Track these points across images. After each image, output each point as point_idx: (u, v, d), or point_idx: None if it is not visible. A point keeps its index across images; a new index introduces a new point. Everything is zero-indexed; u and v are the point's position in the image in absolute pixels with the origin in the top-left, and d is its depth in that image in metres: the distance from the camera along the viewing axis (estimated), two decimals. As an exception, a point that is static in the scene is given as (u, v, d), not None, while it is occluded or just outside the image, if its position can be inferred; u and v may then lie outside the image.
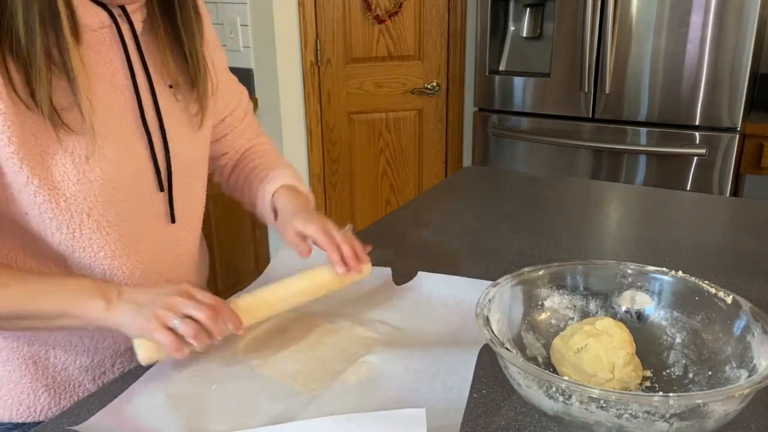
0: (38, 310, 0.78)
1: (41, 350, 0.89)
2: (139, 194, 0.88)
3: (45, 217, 0.80)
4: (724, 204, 1.50)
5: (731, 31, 2.14)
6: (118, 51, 0.86)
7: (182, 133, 0.93)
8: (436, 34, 2.81)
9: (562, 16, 2.37)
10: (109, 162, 0.82)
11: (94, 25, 0.83)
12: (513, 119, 2.57)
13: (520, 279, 0.84)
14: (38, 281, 0.81)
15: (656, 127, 2.34)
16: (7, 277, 0.78)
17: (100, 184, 0.82)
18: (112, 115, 0.84)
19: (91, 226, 0.83)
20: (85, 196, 0.81)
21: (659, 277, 0.85)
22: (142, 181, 0.88)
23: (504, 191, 1.55)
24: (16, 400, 0.89)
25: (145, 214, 0.89)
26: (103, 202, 0.83)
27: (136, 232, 0.89)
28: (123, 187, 0.85)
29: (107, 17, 0.84)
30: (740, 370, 0.72)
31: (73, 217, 0.81)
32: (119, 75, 0.86)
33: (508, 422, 0.74)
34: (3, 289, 0.77)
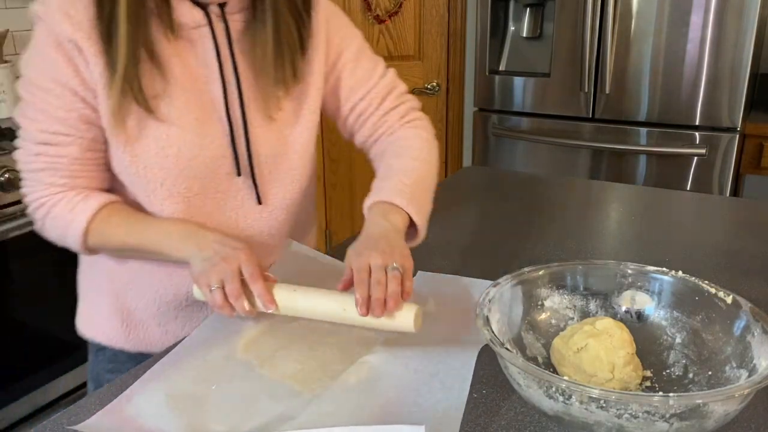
0: (141, 246, 0.94)
1: (120, 289, 1.04)
2: (216, 176, 0.98)
3: (129, 179, 0.95)
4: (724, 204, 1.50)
5: (731, 31, 2.14)
6: (211, 48, 0.95)
7: (266, 125, 1.00)
8: (436, 34, 2.81)
9: (562, 16, 2.37)
10: (187, 144, 0.93)
11: (191, 24, 0.93)
12: (513, 119, 2.57)
13: (520, 279, 0.84)
14: (143, 222, 0.95)
15: (656, 127, 2.34)
16: (119, 218, 0.94)
17: (174, 161, 0.93)
18: (197, 104, 0.94)
19: (163, 194, 0.95)
20: (161, 168, 0.94)
21: (659, 277, 0.85)
22: (218, 165, 0.97)
23: (504, 191, 1.55)
24: (100, 326, 1.08)
25: (222, 194, 1.00)
26: (177, 176, 0.94)
27: (207, 207, 0.99)
28: (199, 167, 0.95)
29: (203, 17, 0.93)
30: (740, 370, 0.72)
31: (149, 183, 0.95)
32: (210, 70, 0.95)
33: (508, 422, 0.74)
34: (114, 228, 0.94)
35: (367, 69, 1.08)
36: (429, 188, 1.03)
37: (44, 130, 0.91)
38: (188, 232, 0.93)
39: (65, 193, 0.93)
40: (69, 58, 0.88)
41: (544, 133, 2.51)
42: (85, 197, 0.94)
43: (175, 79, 0.92)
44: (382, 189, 0.97)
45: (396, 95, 1.11)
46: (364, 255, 0.84)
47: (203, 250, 0.88)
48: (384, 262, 0.83)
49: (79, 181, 0.94)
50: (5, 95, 2.31)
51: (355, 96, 1.08)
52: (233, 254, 0.86)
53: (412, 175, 1.00)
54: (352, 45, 1.07)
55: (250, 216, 1.03)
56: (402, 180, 0.98)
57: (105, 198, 0.95)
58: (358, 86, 1.08)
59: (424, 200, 1.00)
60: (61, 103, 0.90)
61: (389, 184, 0.98)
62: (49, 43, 0.88)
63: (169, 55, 0.92)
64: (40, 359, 2.01)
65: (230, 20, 0.95)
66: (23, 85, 0.92)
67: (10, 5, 2.43)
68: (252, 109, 0.98)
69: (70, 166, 0.93)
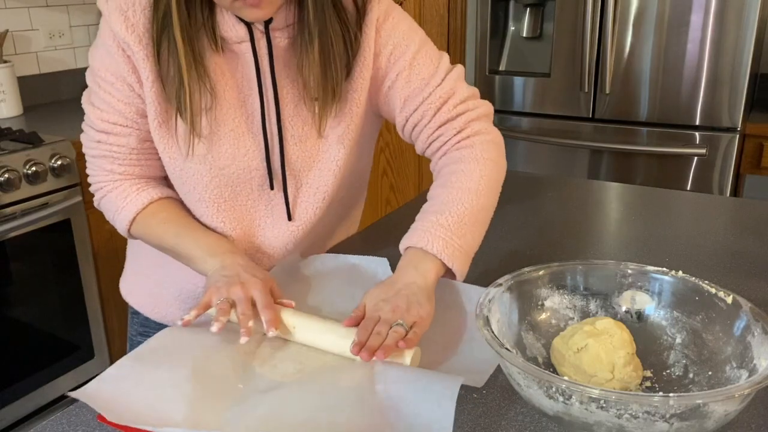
0: (175, 248, 0.98)
1: (153, 267, 1.12)
2: (248, 186, 1.01)
3: (171, 175, 1.01)
4: (724, 204, 1.50)
5: (731, 31, 2.14)
6: (252, 64, 0.95)
7: (302, 142, 1.00)
8: (436, 34, 2.81)
9: (562, 16, 2.37)
10: (222, 153, 0.97)
11: (235, 38, 0.94)
12: (513, 119, 2.57)
13: (520, 279, 0.84)
14: (184, 227, 0.99)
15: (656, 127, 2.34)
16: (164, 215, 0.99)
17: (208, 168, 0.97)
18: (236, 116, 0.97)
19: (195, 196, 1.00)
20: (195, 173, 0.98)
21: (659, 277, 0.85)
22: (251, 176, 1.00)
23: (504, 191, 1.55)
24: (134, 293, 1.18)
25: (253, 204, 1.03)
26: (209, 182, 0.99)
27: (237, 214, 1.02)
28: (230, 176, 0.99)
29: (246, 33, 0.94)
30: (740, 370, 0.72)
31: (183, 185, 1.00)
32: (251, 84, 0.96)
33: (508, 422, 0.74)
34: (156, 225, 0.99)
35: (423, 77, 1.00)
36: (474, 223, 0.94)
37: (105, 120, 0.96)
38: (219, 249, 0.95)
39: (123, 181, 1.00)
40: (127, 56, 0.92)
41: (544, 133, 2.51)
42: (139, 190, 1.00)
43: (219, 91, 0.95)
44: (417, 231, 0.92)
45: (453, 104, 1.02)
46: (378, 306, 0.84)
47: (225, 269, 0.91)
48: (393, 318, 0.82)
49: (136, 170, 1.00)
50: (5, 95, 2.31)
51: (409, 107, 1.01)
52: (252, 282, 0.87)
53: (454, 212, 0.93)
54: (408, 51, 1.00)
55: (277, 229, 1.04)
56: (440, 221, 0.92)
57: (158, 193, 1.00)
58: (413, 96, 1.01)
59: (467, 239, 0.92)
60: (121, 96, 0.95)
61: (426, 225, 0.92)
62: (109, 39, 0.92)
63: (215, 67, 0.94)
64: (40, 359, 2.01)
65: (274, 36, 0.95)
66: (89, 74, 0.97)
67: (10, 5, 2.43)
68: (289, 125, 0.99)
69: (128, 155, 0.98)
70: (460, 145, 1.01)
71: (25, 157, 1.88)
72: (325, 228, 1.12)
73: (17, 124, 2.23)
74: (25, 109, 2.41)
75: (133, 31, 0.90)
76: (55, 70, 2.61)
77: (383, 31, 0.99)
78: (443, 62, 1.03)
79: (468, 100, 1.04)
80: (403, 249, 0.93)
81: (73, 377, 2.10)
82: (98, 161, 0.99)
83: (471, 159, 0.98)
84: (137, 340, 1.18)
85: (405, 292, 0.86)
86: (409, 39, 1.01)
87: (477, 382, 0.79)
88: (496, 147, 1.03)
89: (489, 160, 0.99)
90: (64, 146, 1.96)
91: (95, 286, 2.12)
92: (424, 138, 1.04)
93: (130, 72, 0.93)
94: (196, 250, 0.96)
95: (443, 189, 0.96)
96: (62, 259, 2.03)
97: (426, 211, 0.95)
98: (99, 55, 0.95)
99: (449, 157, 1.01)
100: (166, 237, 0.99)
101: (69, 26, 2.64)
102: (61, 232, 2.00)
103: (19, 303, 1.94)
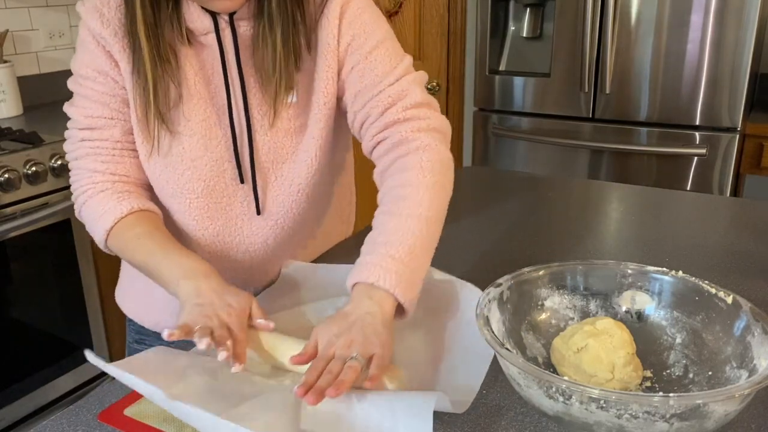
0: (147, 266, 0.94)
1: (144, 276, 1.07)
2: (221, 180, 1.00)
3: (146, 170, 1.00)
4: (724, 204, 1.50)
5: (731, 31, 2.14)
6: (218, 54, 0.96)
7: (270, 133, 0.99)
8: (436, 34, 2.81)
9: (562, 16, 2.37)
10: (192, 145, 0.97)
11: (201, 30, 0.94)
12: (513, 119, 2.57)
13: (520, 279, 0.84)
14: (159, 243, 0.94)
15: (656, 127, 2.34)
16: (141, 229, 0.95)
17: (179, 160, 0.98)
18: (205, 108, 0.97)
19: (168, 191, 1.00)
20: (166, 166, 0.98)
21: (659, 277, 0.85)
22: (223, 169, 0.99)
23: (504, 191, 1.55)
24: (127, 300, 1.16)
25: (227, 200, 1.01)
26: (180, 175, 0.99)
27: (210, 211, 1.01)
28: (203, 168, 0.98)
29: (211, 23, 0.94)
30: (740, 371, 0.72)
31: (157, 180, 1.00)
32: (218, 75, 0.97)
33: (508, 422, 0.74)
34: (132, 239, 0.95)
35: (377, 74, 0.97)
36: (424, 253, 0.89)
37: (89, 115, 0.97)
38: (193, 272, 0.89)
39: (106, 185, 0.98)
40: (106, 51, 0.94)
41: (544, 133, 2.51)
42: (120, 199, 0.97)
43: (188, 83, 0.95)
44: (366, 266, 0.84)
45: (402, 107, 0.96)
46: (330, 341, 0.77)
47: (199, 296, 0.85)
48: (347, 353, 0.75)
49: (120, 167, 0.99)
50: (5, 95, 2.31)
51: (359, 103, 0.98)
52: (225, 311, 0.82)
53: (405, 242, 0.86)
54: (366, 44, 0.97)
55: (252, 224, 1.04)
56: (390, 253, 0.85)
57: (138, 204, 0.97)
58: (363, 91, 0.97)
59: (418, 271, 0.86)
60: (105, 89, 0.96)
61: (376, 259, 0.84)
62: (88, 38, 0.95)
63: (184, 59, 0.95)
64: (40, 359, 2.01)
65: (238, 26, 0.95)
66: (72, 80, 0.99)
67: (10, 5, 2.43)
68: (257, 116, 0.98)
69: (112, 150, 0.98)
70: (406, 160, 0.94)
71: (25, 157, 1.88)
72: (306, 225, 1.10)
73: (17, 124, 2.23)
74: (25, 109, 2.41)
75: (108, 26, 0.93)
76: (55, 70, 2.61)
77: (344, 19, 0.97)
78: (403, 63, 0.99)
79: (421, 107, 0.98)
80: (351, 285, 0.85)
81: (73, 377, 2.10)
82: (81, 162, 0.99)
83: (417, 182, 0.91)
84: (134, 348, 1.18)
85: (360, 323, 0.79)
86: (369, 32, 0.98)
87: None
88: (444, 168, 0.95)
89: (437, 184, 0.92)
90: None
91: (95, 286, 2.12)
92: (369, 137, 1.00)
93: (111, 66, 0.95)
94: (169, 270, 0.90)
95: (390, 216, 0.89)
96: (62, 259, 2.03)
97: (374, 242, 0.88)
98: (79, 58, 0.97)
99: (393, 176, 0.94)
100: (138, 253, 0.94)
101: (69, 26, 2.64)
102: (61, 232, 2.00)
103: (19, 303, 1.94)
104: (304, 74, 0.98)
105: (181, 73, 0.95)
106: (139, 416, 0.75)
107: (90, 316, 2.12)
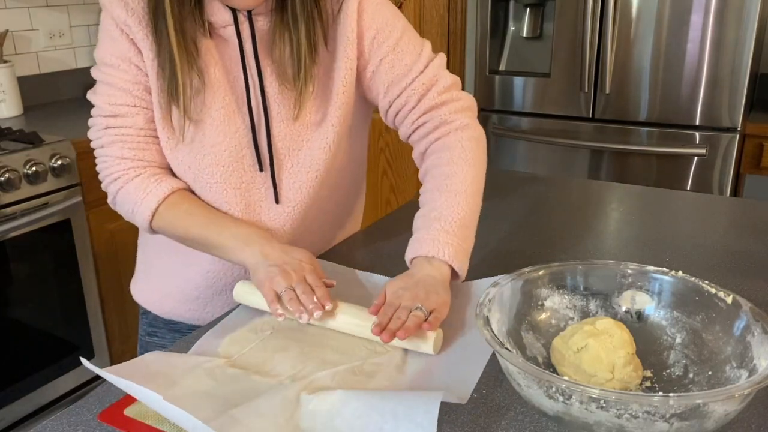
0: (204, 239, 0.99)
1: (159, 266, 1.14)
2: (240, 167, 1.02)
3: (167, 155, 1.02)
4: (724, 204, 1.50)
5: (731, 31, 2.14)
6: (237, 46, 0.99)
7: (288, 123, 1.02)
8: (436, 34, 2.81)
9: (562, 16, 2.37)
10: (212, 131, 0.99)
11: (220, 23, 0.98)
12: (513, 119, 2.57)
13: (520, 279, 0.84)
14: (210, 217, 1.00)
15: (656, 127, 2.34)
16: (188, 206, 1.00)
17: (199, 146, 1.00)
18: (225, 97, 0.99)
19: (190, 177, 1.02)
20: (188, 152, 1.00)
21: (659, 277, 0.85)
22: (242, 155, 1.01)
23: (504, 191, 1.55)
24: (142, 291, 1.18)
25: (246, 186, 1.03)
26: (201, 161, 1.00)
27: (228, 197, 1.03)
28: (222, 154, 1.00)
29: (230, 17, 0.97)
30: (740, 370, 0.72)
31: (179, 165, 1.02)
32: (237, 67, 1.00)
33: (508, 422, 0.74)
34: (182, 216, 0.99)
35: (406, 63, 1.04)
36: (471, 225, 1.00)
37: (113, 103, 0.99)
38: (253, 237, 0.96)
39: (140, 170, 1.00)
40: (130, 38, 0.97)
41: (544, 133, 2.51)
42: (159, 180, 1.00)
43: (208, 73, 0.98)
44: (424, 241, 0.95)
45: (437, 92, 1.05)
46: (398, 293, 0.89)
47: (268, 258, 0.92)
48: (412, 305, 0.86)
49: (146, 154, 1.01)
50: (5, 95, 2.31)
51: (392, 93, 1.05)
52: (299, 266, 0.91)
53: (455, 217, 0.97)
54: (391, 37, 1.03)
55: (271, 211, 1.06)
56: (445, 228, 0.96)
57: (176, 184, 1.01)
58: (396, 81, 1.04)
59: (468, 241, 0.98)
60: (128, 77, 0.98)
61: (432, 234, 0.95)
62: (111, 26, 0.97)
63: (206, 50, 0.98)
64: (40, 359, 2.01)
65: (256, 20, 0.98)
66: (95, 70, 1.00)
67: (10, 5, 2.43)
68: (274, 107, 1.01)
69: (137, 137, 1.00)
70: (447, 140, 1.04)
71: (25, 157, 1.88)
72: (325, 215, 1.13)
73: (17, 124, 2.23)
74: (25, 109, 2.41)
75: (133, 14, 0.95)
76: (55, 70, 2.61)
77: (365, 14, 1.02)
78: (426, 49, 1.06)
79: (452, 89, 1.07)
80: (410, 259, 0.96)
81: (73, 377, 2.10)
82: (107, 150, 1.00)
83: (460, 160, 1.02)
84: (146, 341, 1.20)
85: (423, 283, 0.90)
86: (392, 25, 1.04)
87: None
88: (479, 145, 1.06)
89: (475, 159, 1.03)
90: (64, 146, 1.96)
91: (95, 286, 2.12)
92: (408, 124, 1.07)
93: (135, 53, 0.97)
94: (229, 240, 0.97)
95: (439, 193, 1.00)
96: (62, 259, 2.03)
97: (428, 218, 0.98)
98: (102, 46, 0.99)
99: (436, 155, 1.04)
100: (193, 228, 0.99)
101: (69, 26, 2.64)
102: (61, 232, 2.00)
103: (19, 303, 1.94)
104: (321, 67, 1.02)
105: (202, 64, 0.97)
106: (139, 416, 0.75)
107: (90, 316, 2.12)
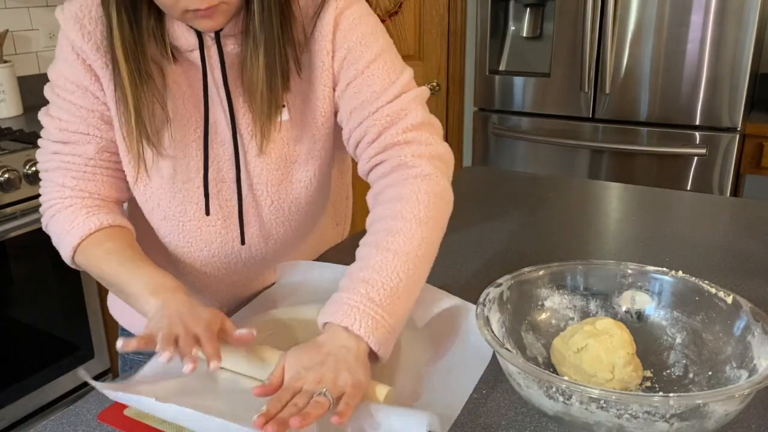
0: (116, 283, 0.89)
1: None
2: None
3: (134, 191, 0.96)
4: (724, 204, 1.50)
5: (731, 31, 2.14)
6: (201, 73, 0.90)
7: (264, 155, 0.94)
8: (436, 34, 2.81)
9: (562, 16, 2.37)
10: (185, 167, 0.93)
11: (185, 47, 0.88)
12: (513, 119, 2.57)
13: (520, 279, 0.84)
14: (129, 260, 0.89)
15: (656, 127, 2.34)
16: (110, 245, 0.90)
17: (170, 183, 0.94)
18: (197, 128, 0.92)
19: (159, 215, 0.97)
20: (157, 187, 0.94)
21: (659, 277, 0.85)
22: (215, 192, 0.95)
23: (504, 191, 1.55)
24: (121, 310, 1.11)
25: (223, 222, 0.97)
26: (172, 198, 0.94)
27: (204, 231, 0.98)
28: (196, 191, 0.94)
29: (196, 41, 0.88)
30: (740, 370, 0.72)
31: (148, 201, 0.96)
32: (200, 95, 0.91)
33: (508, 422, 0.74)
34: (100, 255, 0.90)
35: (375, 90, 0.90)
36: (407, 296, 0.80)
37: (64, 129, 0.92)
38: (162, 287, 0.84)
39: (75, 200, 0.93)
40: (87, 65, 0.89)
41: (544, 133, 2.51)
42: (89, 214, 0.92)
43: (175, 103, 0.90)
44: (342, 305, 0.77)
45: (402, 128, 0.89)
46: (299, 375, 0.71)
47: (167, 308, 0.80)
48: (316, 389, 0.69)
49: (90, 185, 0.93)
50: (5, 95, 2.31)
51: (353, 121, 0.92)
52: (193, 320, 0.76)
53: (388, 283, 0.78)
54: (362, 58, 0.91)
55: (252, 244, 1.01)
56: (370, 294, 0.77)
57: (108, 220, 0.92)
58: (359, 108, 0.91)
59: (394, 319, 0.77)
60: (84, 103, 0.91)
61: (353, 299, 0.77)
62: (67, 49, 0.89)
63: (173, 77, 0.89)
64: (40, 359, 2.01)
65: (225, 45, 0.89)
66: (48, 88, 0.93)
67: (10, 5, 2.43)
68: (246, 138, 0.93)
69: (84, 167, 0.93)
70: (402, 189, 0.86)
71: (25, 157, 1.88)
72: (301, 232, 1.06)
73: (17, 124, 2.23)
74: (25, 109, 2.41)
75: (89, 39, 0.87)
76: (55, 70, 2.61)
77: (339, 31, 0.90)
78: (403, 77, 0.92)
79: (422, 129, 0.91)
80: (322, 324, 0.78)
81: (73, 377, 2.10)
82: (51, 175, 0.93)
83: (410, 216, 0.83)
84: (128, 356, 1.15)
85: (334, 357, 0.72)
86: (366, 45, 0.91)
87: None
88: (440, 202, 0.87)
89: (431, 219, 0.84)
90: (64, 146, 1.96)
91: (95, 286, 2.12)
92: (366, 159, 0.92)
93: (92, 81, 0.89)
94: (137, 287, 0.85)
95: (376, 251, 0.81)
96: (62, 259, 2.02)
97: (355, 278, 0.79)
98: (58, 66, 0.91)
99: (385, 205, 0.87)
100: (107, 269, 0.89)
101: (69, 26, 2.64)
102: (61, 232, 2.00)
103: (19, 303, 1.94)
104: (297, 94, 0.93)
105: (168, 92, 0.89)
106: (139, 416, 0.75)
107: (90, 316, 2.12)
